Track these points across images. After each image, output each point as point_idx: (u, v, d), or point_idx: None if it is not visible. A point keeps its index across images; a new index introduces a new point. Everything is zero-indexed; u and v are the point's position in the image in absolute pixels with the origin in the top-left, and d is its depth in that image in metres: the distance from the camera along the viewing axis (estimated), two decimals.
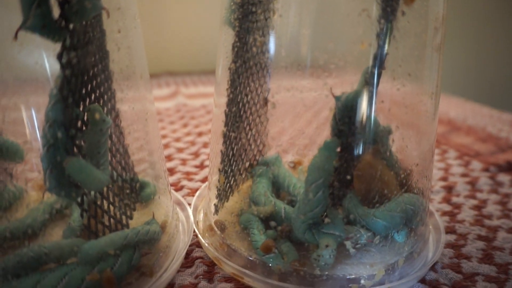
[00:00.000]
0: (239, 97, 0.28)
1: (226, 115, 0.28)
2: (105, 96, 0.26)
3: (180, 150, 0.50)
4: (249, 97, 0.29)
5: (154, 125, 0.32)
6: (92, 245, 0.23)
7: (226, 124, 0.28)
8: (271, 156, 0.37)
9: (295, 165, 0.39)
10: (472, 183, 0.42)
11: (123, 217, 0.28)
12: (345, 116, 0.25)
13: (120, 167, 0.30)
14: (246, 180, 0.35)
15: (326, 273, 0.25)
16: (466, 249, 0.30)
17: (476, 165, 0.47)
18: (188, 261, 0.29)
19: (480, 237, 0.32)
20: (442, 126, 0.62)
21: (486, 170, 0.45)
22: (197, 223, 0.32)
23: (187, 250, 0.30)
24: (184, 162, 0.46)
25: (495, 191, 0.40)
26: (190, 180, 0.41)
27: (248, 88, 0.28)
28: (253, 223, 0.29)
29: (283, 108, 0.35)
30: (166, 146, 0.51)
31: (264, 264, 0.26)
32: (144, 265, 0.26)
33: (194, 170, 0.44)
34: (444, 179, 0.43)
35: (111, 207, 0.27)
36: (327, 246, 0.25)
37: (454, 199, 0.39)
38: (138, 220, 0.29)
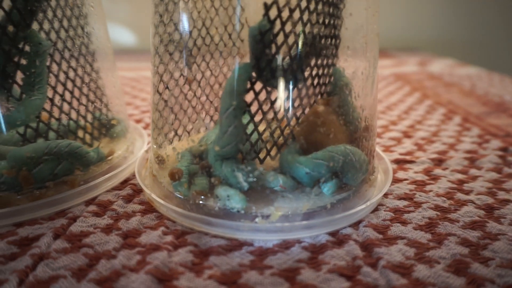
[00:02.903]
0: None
1: (156, 48, 0.29)
2: (62, 23, 0.30)
3: None
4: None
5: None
6: (17, 149, 0.26)
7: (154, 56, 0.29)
8: None
9: None
10: (472, 160, 0.36)
11: (78, 140, 0.32)
12: (253, 43, 0.24)
13: (86, 99, 0.33)
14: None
15: (220, 205, 0.25)
16: (409, 215, 0.27)
17: (494, 143, 0.40)
18: (123, 185, 0.31)
19: (436, 208, 0.28)
20: (486, 107, 0.54)
21: (503, 149, 0.38)
22: (147, 158, 0.34)
23: (128, 178, 0.32)
24: None
25: (498, 170, 0.34)
26: None
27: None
28: (184, 158, 0.30)
29: None
30: None
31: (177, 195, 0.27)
32: (70, 176, 0.28)
33: None
34: (440, 153, 0.38)
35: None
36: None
37: (437, 171, 0.34)
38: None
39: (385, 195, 0.30)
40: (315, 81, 0.28)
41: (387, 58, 0.96)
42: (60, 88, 0.31)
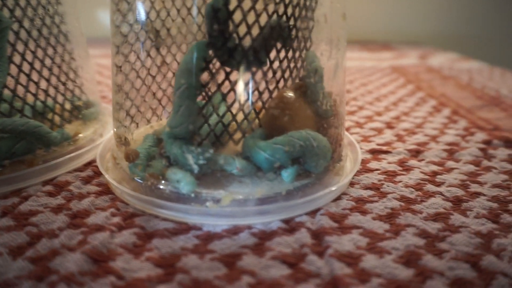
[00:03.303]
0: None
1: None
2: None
3: None
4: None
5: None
6: None
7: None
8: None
9: None
10: (452, 152, 0.35)
11: (45, 121, 0.31)
12: (207, 20, 0.23)
13: (57, 79, 0.33)
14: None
15: (171, 188, 0.24)
16: (371, 205, 0.26)
17: (479, 136, 0.38)
18: (86, 167, 0.30)
19: (402, 198, 0.27)
20: (480, 101, 0.52)
21: (486, 142, 0.37)
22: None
23: (93, 160, 0.31)
24: None
25: (477, 162, 0.33)
26: None
27: None
28: (147, 140, 0.29)
29: None
30: None
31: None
32: (29, 156, 0.28)
33: None
34: (419, 144, 0.36)
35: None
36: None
37: (411, 162, 0.32)
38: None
39: (352, 185, 0.29)
40: (282, 65, 0.27)
41: (388, 51, 0.94)
42: (26, 67, 0.30)
